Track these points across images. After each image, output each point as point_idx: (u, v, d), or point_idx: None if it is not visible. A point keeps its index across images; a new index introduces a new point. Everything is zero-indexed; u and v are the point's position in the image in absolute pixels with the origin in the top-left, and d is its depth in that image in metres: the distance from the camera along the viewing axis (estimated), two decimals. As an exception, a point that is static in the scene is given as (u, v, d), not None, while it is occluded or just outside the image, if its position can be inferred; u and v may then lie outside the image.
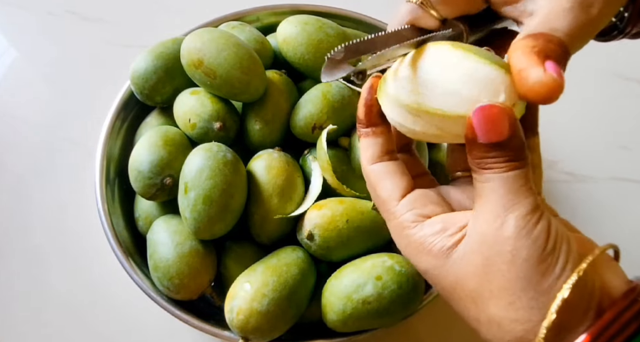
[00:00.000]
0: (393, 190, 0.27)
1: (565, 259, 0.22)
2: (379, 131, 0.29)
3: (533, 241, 0.22)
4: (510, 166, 0.23)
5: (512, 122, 0.23)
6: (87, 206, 0.50)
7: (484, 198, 0.24)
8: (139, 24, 0.66)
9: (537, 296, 0.22)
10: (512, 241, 0.23)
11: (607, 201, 0.55)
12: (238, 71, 0.44)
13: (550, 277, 0.22)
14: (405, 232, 0.26)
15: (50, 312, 0.51)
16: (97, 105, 0.52)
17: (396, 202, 0.27)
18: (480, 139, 0.23)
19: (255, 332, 0.39)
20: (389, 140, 0.29)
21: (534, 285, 0.22)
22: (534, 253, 0.22)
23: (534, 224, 0.23)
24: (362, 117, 0.29)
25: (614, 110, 0.60)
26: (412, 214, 0.26)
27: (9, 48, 0.66)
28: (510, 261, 0.23)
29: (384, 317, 0.40)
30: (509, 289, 0.23)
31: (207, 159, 0.41)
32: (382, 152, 0.28)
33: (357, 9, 0.54)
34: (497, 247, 0.23)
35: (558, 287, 0.22)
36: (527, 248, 0.22)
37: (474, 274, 0.24)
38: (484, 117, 0.23)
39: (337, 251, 0.42)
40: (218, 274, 0.45)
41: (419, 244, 0.25)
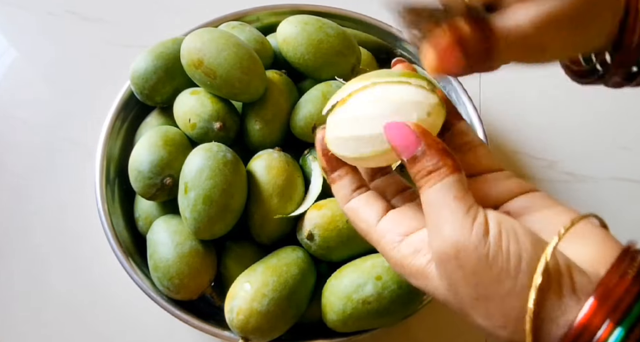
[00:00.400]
0: (369, 218, 0.28)
1: (517, 256, 0.22)
2: (343, 173, 0.30)
3: (473, 250, 0.22)
4: (434, 179, 0.24)
5: (419, 134, 0.25)
6: (87, 206, 0.50)
7: (425, 215, 0.25)
8: (139, 24, 0.66)
9: (501, 302, 0.22)
10: (455, 257, 0.23)
11: (607, 201, 0.55)
12: (238, 71, 0.44)
13: (507, 279, 0.22)
14: (390, 255, 0.27)
15: (50, 312, 0.51)
16: (97, 105, 0.52)
17: (375, 227, 0.28)
18: (402, 157, 0.25)
19: (255, 332, 0.39)
20: (355, 178, 0.30)
21: (493, 293, 0.22)
22: (478, 262, 0.22)
23: (468, 231, 0.23)
24: (324, 165, 0.30)
25: (614, 110, 0.60)
26: (391, 235, 0.27)
27: (9, 48, 0.66)
28: (463, 277, 0.23)
29: (384, 317, 0.40)
30: (477, 300, 0.23)
31: (207, 159, 0.41)
32: (352, 190, 0.30)
33: (357, 9, 0.54)
34: (449, 265, 0.23)
35: (520, 285, 0.22)
36: (470, 259, 0.22)
37: (447, 290, 0.24)
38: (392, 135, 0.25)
39: (337, 251, 0.42)
40: (218, 274, 0.45)
41: (403, 266, 0.26)
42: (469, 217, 0.23)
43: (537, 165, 0.57)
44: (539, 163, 0.57)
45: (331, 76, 0.48)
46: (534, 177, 0.56)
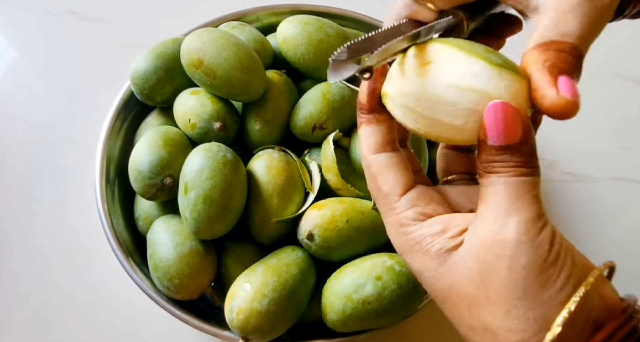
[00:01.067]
0: (395, 184, 0.26)
1: (568, 272, 0.22)
2: (382, 118, 0.27)
3: (534, 249, 0.22)
4: (518, 172, 0.23)
5: (526, 125, 0.23)
6: (87, 206, 0.50)
7: (487, 201, 0.23)
8: (139, 24, 0.66)
9: (535, 307, 0.22)
10: (511, 246, 0.22)
11: (607, 201, 0.55)
12: (238, 71, 0.44)
13: (551, 288, 0.21)
14: (403, 230, 0.25)
15: (50, 312, 0.51)
16: (97, 105, 0.52)
17: (398, 197, 0.26)
18: (491, 141, 0.23)
19: (255, 332, 0.39)
20: (392, 129, 0.27)
21: (532, 295, 0.22)
22: (534, 261, 0.22)
23: (536, 231, 0.22)
24: (364, 101, 0.27)
25: (614, 111, 0.60)
26: (413, 212, 0.25)
27: (9, 48, 0.66)
28: (509, 267, 0.22)
29: (384, 317, 0.40)
30: (506, 296, 0.22)
31: (207, 159, 0.41)
32: (385, 141, 0.27)
33: (357, 9, 0.54)
34: (495, 251, 0.22)
35: (559, 299, 0.21)
36: (527, 255, 0.22)
37: (471, 278, 0.23)
38: (496, 116, 0.22)
39: (337, 251, 0.42)
40: (218, 274, 0.45)
41: (416, 243, 0.25)
42: (542, 221, 0.22)
43: (537, 165, 0.57)
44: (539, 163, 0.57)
45: (331, 76, 0.48)
46: (534, 177, 0.56)
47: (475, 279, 0.23)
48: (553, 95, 0.22)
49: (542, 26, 0.24)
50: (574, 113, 0.22)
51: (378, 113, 0.27)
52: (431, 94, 0.24)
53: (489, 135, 0.23)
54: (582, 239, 0.51)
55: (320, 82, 0.48)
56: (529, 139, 0.23)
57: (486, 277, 0.22)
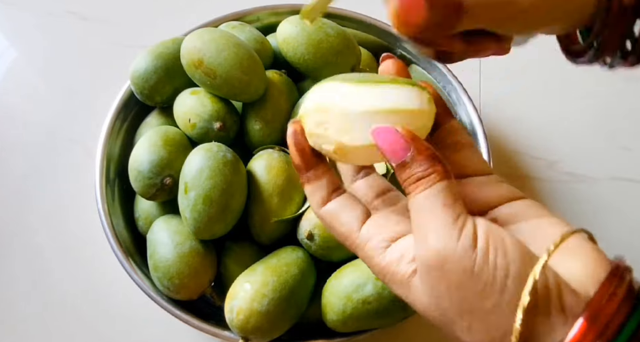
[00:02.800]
0: (350, 222, 0.26)
1: (504, 270, 0.21)
2: (320, 173, 0.28)
3: (458, 262, 0.22)
4: (423, 185, 0.23)
5: (408, 139, 0.24)
6: (87, 206, 0.50)
7: (413, 224, 0.24)
8: (139, 24, 0.66)
9: (485, 317, 0.21)
10: (439, 268, 0.22)
11: (607, 201, 0.55)
12: (238, 71, 0.44)
13: (492, 294, 0.21)
14: (374, 262, 0.25)
15: (50, 312, 0.51)
16: (97, 105, 0.52)
17: (357, 233, 0.26)
18: (391, 162, 0.24)
19: (255, 332, 0.39)
20: (332, 179, 0.28)
21: (478, 306, 0.21)
22: (462, 275, 0.21)
23: (454, 241, 0.22)
24: (298, 163, 0.28)
25: (614, 110, 0.60)
26: (376, 241, 0.25)
27: (9, 48, 0.66)
28: (446, 289, 0.22)
29: (384, 318, 0.40)
30: (460, 314, 0.22)
31: (207, 159, 0.41)
32: (329, 193, 0.27)
33: (357, 9, 0.54)
34: (433, 276, 0.22)
35: (506, 300, 0.21)
36: (454, 271, 0.22)
37: (429, 303, 0.23)
38: (380, 140, 0.24)
39: (337, 251, 0.42)
40: (218, 274, 0.45)
41: (386, 273, 0.25)
42: (457, 226, 0.22)
43: (537, 165, 0.57)
44: (539, 163, 0.57)
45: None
46: (534, 177, 0.56)
47: (432, 303, 0.23)
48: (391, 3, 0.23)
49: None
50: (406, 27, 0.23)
51: (315, 169, 0.28)
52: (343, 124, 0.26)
53: (387, 157, 0.24)
54: (582, 239, 0.51)
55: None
56: (418, 149, 0.24)
57: (438, 301, 0.23)
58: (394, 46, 0.54)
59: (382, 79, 0.26)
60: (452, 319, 0.23)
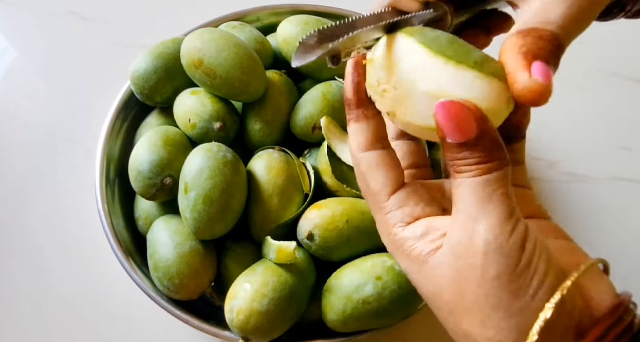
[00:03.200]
0: (385, 184, 0.25)
1: (541, 277, 0.21)
2: (370, 114, 0.26)
3: (504, 257, 0.21)
4: (480, 170, 0.22)
5: (479, 119, 0.22)
6: (87, 206, 0.50)
7: (457, 207, 0.23)
8: (139, 24, 0.66)
9: (508, 317, 0.21)
10: (481, 256, 0.21)
11: (607, 201, 0.55)
12: (238, 71, 0.44)
13: (523, 297, 0.21)
14: (390, 230, 0.25)
15: (50, 312, 0.51)
16: (97, 105, 0.52)
17: (386, 197, 0.25)
18: (448, 138, 0.22)
19: (255, 332, 0.39)
20: (381, 125, 0.26)
21: (504, 305, 0.21)
22: (504, 270, 0.21)
23: (506, 236, 0.21)
24: (350, 96, 0.26)
25: (614, 110, 0.60)
26: (401, 213, 0.25)
27: (8, 48, 0.66)
28: (480, 278, 0.21)
29: (384, 317, 0.40)
30: (480, 306, 0.22)
31: (207, 159, 0.41)
32: (374, 138, 0.26)
33: (357, 9, 0.54)
34: (467, 261, 0.22)
35: (533, 307, 0.21)
36: (496, 265, 0.21)
37: (448, 285, 0.23)
38: (445, 114, 0.22)
39: (337, 251, 0.42)
40: (218, 274, 0.45)
41: (400, 245, 0.24)
42: (511, 221, 0.22)
43: (537, 165, 0.57)
44: (539, 163, 0.57)
45: (331, 76, 0.48)
46: (534, 177, 0.56)
47: (451, 287, 0.23)
48: (525, 80, 0.21)
49: (526, 13, 0.24)
50: (546, 99, 0.21)
51: (366, 108, 0.26)
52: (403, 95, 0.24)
53: (445, 132, 0.22)
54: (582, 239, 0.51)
55: (320, 82, 0.48)
56: (486, 132, 0.22)
57: (461, 286, 0.22)
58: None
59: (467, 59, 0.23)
60: (468, 307, 0.22)
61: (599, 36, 0.61)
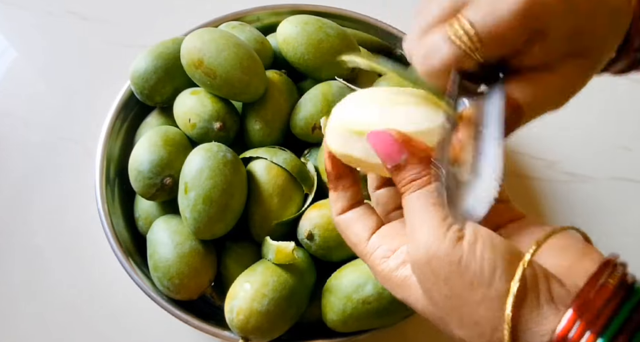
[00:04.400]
0: (362, 232, 0.28)
1: (491, 264, 0.22)
2: (347, 184, 0.30)
3: (445, 257, 0.22)
4: (414, 186, 0.25)
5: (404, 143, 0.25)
6: (87, 206, 0.50)
7: (407, 220, 0.25)
8: (139, 24, 0.66)
9: (476, 309, 0.22)
10: (427, 264, 0.23)
11: (607, 201, 0.55)
12: (238, 71, 0.44)
13: (480, 287, 0.22)
14: (378, 269, 0.27)
15: (50, 312, 0.51)
16: (97, 105, 0.52)
17: (366, 242, 0.28)
18: (387, 164, 0.25)
19: (255, 332, 0.39)
20: (357, 192, 0.30)
21: (467, 300, 0.22)
22: (450, 269, 0.22)
23: (440, 239, 0.22)
24: (330, 169, 0.30)
25: (614, 110, 0.60)
26: (381, 251, 0.27)
27: (8, 48, 0.66)
28: (436, 283, 0.23)
29: (384, 317, 0.40)
30: (450, 309, 0.23)
31: (207, 159, 0.41)
32: (350, 204, 0.29)
33: (357, 9, 0.54)
34: (423, 271, 0.23)
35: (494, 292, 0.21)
36: (442, 267, 0.22)
37: (424, 299, 0.24)
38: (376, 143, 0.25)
39: (337, 251, 0.42)
40: (218, 274, 0.45)
41: (389, 278, 0.26)
42: (445, 223, 0.23)
43: (537, 165, 0.57)
44: (539, 163, 0.57)
45: (331, 76, 0.48)
46: (534, 177, 0.56)
47: (426, 300, 0.24)
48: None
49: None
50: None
51: (345, 179, 0.30)
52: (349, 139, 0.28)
53: (382, 159, 0.26)
54: (582, 239, 0.51)
55: (320, 82, 0.48)
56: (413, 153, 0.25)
57: (430, 297, 0.24)
58: (394, 46, 0.54)
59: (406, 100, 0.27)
60: (445, 314, 0.23)
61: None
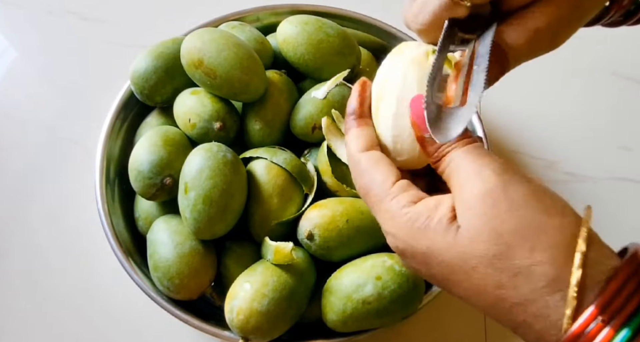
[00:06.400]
0: (388, 173, 0.27)
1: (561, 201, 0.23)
2: (370, 123, 0.29)
3: (522, 183, 0.23)
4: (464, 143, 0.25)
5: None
6: (87, 206, 0.50)
7: (457, 175, 0.25)
8: (139, 24, 0.66)
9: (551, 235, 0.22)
10: (499, 189, 0.23)
11: (607, 201, 0.55)
12: (238, 71, 0.44)
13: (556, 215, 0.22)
14: (398, 212, 0.25)
15: (50, 312, 0.51)
16: (97, 105, 0.52)
17: (391, 184, 0.27)
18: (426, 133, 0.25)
19: (255, 332, 0.39)
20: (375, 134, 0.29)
21: (544, 225, 0.22)
22: (528, 193, 0.23)
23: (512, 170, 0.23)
24: (355, 107, 0.29)
25: (614, 110, 0.60)
26: (407, 195, 0.26)
27: (8, 48, 0.66)
28: (509, 208, 0.23)
29: (384, 317, 0.40)
30: (523, 235, 0.22)
31: (207, 159, 0.41)
32: (372, 142, 0.29)
33: (357, 9, 0.54)
34: (489, 202, 0.23)
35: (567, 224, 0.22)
36: (517, 190, 0.23)
37: (482, 236, 0.23)
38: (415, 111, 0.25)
39: (337, 251, 0.42)
40: (218, 274, 0.45)
41: (416, 220, 0.25)
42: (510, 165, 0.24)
43: (537, 165, 0.57)
44: (539, 163, 0.57)
45: (331, 76, 0.48)
46: (534, 177, 0.56)
47: (488, 235, 0.23)
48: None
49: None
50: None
51: (367, 118, 0.29)
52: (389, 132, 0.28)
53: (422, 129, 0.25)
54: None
55: (320, 82, 0.48)
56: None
57: (497, 228, 0.22)
58: (394, 46, 0.54)
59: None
60: (511, 241, 0.22)
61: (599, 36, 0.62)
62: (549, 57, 0.29)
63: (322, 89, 0.46)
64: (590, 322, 0.20)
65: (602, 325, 0.20)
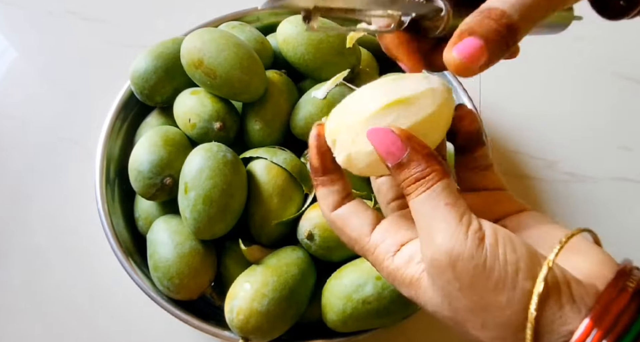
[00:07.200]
0: (362, 226, 0.27)
1: (514, 266, 0.21)
2: (335, 178, 0.28)
3: (469, 260, 0.22)
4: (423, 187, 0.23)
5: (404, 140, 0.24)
6: (87, 206, 0.50)
7: (417, 224, 0.24)
8: (139, 24, 0.66)
9: (500, 313, 0.21)
10: (450, 269, 0.22)
11: (607, 201, 0.55)
12: (238, 71, 0.44)
13: (504, 290, 0.21)
14: (383, 265, 0.26)
15: (50, 312, 0.51)
16: (97, 105, 0.52)
17: (368, 237, 0.26)
18: (387, 163, 0.24)
19: (255, 332, 0.39)
20: (346, 185, 0.28)
21: (492, 304, 0.22)
22: (475, 273, 0.22)
23: (461, 242, 0.22)
24: (317, 165, 0.28)
25: (614, 110, 0.60)
26: (385, 245, 0.26)
27: (8, 48, 0.66)
28: (460, 289, 0.22)
29: (384, 317, 0.40)
30: (473, 312, 0.22)
31: (207, 159, 0.41)
32: (342, 197, 0.28)
33: (357, 9, 0.54)
34: (444, 276, 0.22)
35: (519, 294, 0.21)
36: (466, 271, 0.22)
37: (441, 303, 0.23)
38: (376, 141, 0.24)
39: (337, 251, 0.42)
40: (218, 274, 0.45)
41: (395, 277, 0.25)
42: (463, 225, 0.22)
43: (537, 165, 0.57)
44: (539, 163, 0.57)
45: (331, 76, 0.48)
46: (534, 177, 0.56)
47: (444, 304, 0.23)
48: (447, 54, 0.23)
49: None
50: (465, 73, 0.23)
51: (332, 174, 0.28)
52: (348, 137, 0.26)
53: (383, 158, 0.24)
54: (582, 239, 0.51)
55: (320, 82, 0.48)
56: (415, 149, 0.24)
57: (450, 302, 0.23)
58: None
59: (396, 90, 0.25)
60: (466, 317, 0.23)
61: (599, 36, 0.62)
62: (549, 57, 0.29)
63: (322, 89, 0.46)
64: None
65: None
